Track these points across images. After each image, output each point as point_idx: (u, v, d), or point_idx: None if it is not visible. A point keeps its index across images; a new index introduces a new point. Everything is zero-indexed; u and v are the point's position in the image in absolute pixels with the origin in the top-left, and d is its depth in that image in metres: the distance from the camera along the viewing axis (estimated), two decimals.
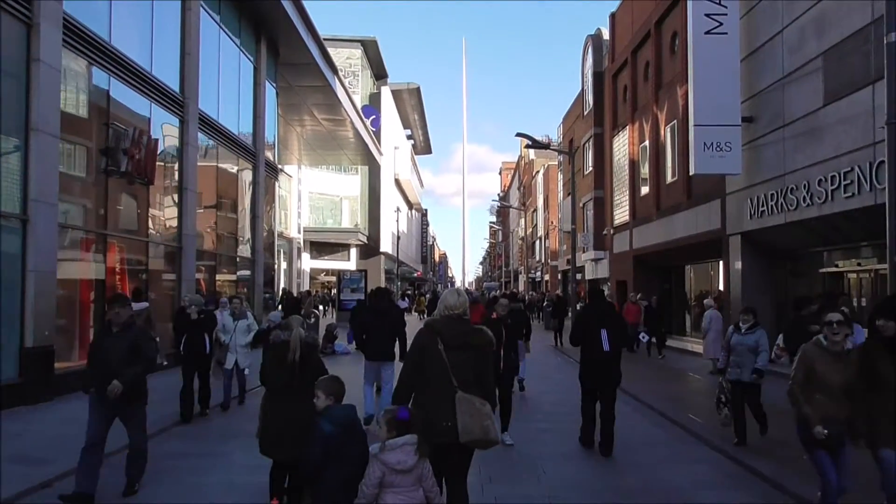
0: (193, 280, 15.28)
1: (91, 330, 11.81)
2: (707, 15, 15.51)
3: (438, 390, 4.38)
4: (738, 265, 16.52)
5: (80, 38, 10.83)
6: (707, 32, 15.52)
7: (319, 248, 47.48)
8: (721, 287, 22.08)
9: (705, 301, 16.62)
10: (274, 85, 22.24)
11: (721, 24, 15.49)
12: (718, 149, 15.39)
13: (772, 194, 14.55)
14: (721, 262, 18.29)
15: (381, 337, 9.34)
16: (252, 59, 19.83)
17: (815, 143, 13.08)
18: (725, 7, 15.48)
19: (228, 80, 18.14)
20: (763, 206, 14.95)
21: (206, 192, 17.06)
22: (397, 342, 9.44)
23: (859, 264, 13.90)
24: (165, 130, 14.40)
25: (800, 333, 8.10)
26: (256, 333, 10.29)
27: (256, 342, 10.10)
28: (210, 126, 16.45)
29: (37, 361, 9.75)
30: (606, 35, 29.78)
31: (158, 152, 13.65)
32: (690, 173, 16.16)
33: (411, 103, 61.08)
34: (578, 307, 20.78)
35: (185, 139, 14.88)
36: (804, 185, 13.30)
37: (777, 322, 15.52)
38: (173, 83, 14.45)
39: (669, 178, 21.50)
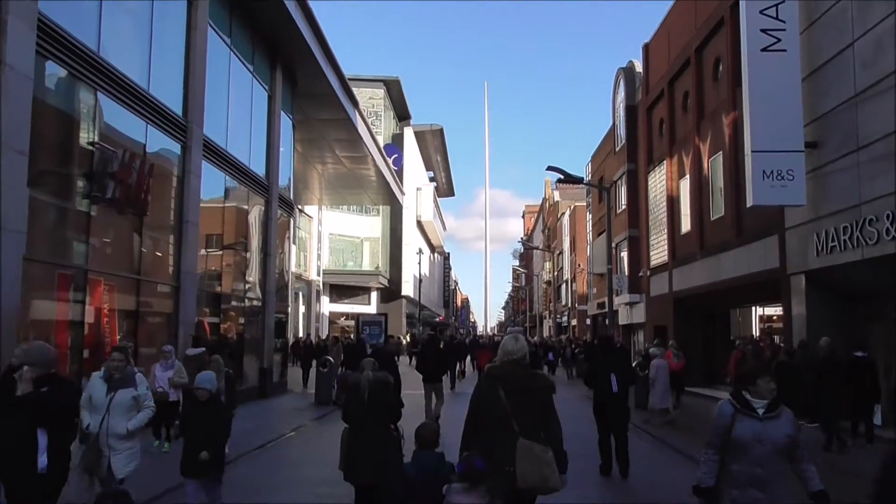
0: (192, 323, 13.75)
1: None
2: (763, 31, 14.01)
3: (500, 436, 4.44)
4: (802, 308, 14.65)
5: (59, 44, 9.47)
6: (763, 49, 14.00)
7: (339, 291, 46.16)
8: (756, 333, 20.28)
9: (651, 350, 16.14)
10: (290, 116, 21.06)
11: (779, 40, 13.96)
12: (779, 177, 13.71)
13: (844, 227, 12.77)
14: (758, 306, 16.46)
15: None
16: (266, 87, 18.65)
17: None
18: (784, 21, 13.96)
19: (239, 108, 16.91)
20: (833, 240, 13.15)
21: (211, 226, 15.67)
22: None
23: None
24: (164, 156, 13.07)
25: None
26: (187, 415, 6.66)
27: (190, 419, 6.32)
28: (217, 154, 15.12)
29: None
30: (639, 67, 28.47)
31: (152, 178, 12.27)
32: (748, 205, 14.43)
33: (434, 144, 60.28)
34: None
35: (186, 167, 13.51)
36: (886, 216, 11.52)
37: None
38: (175, 105, 13.16)
39: (715, 214, 19.79)
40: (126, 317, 12.03)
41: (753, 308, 20.28)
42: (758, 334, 20.10)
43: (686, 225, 22.35)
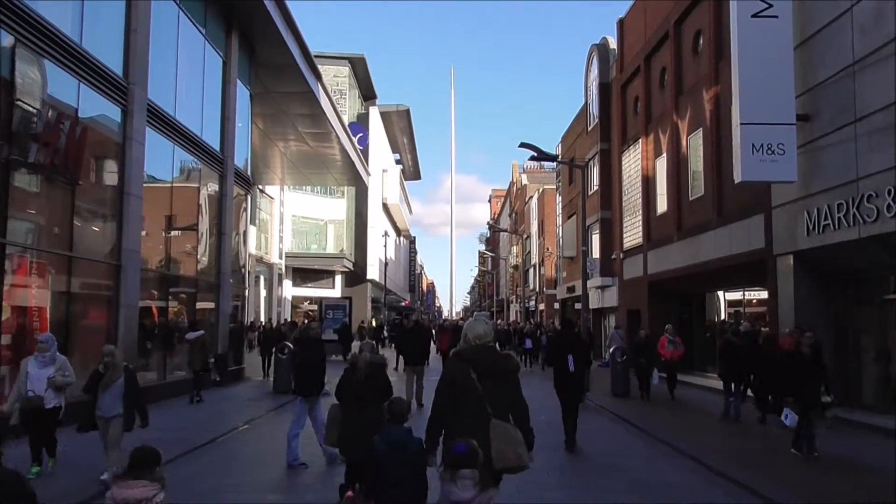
0: (136, 306, 12.49)
1: None
2: None
3: (472, 419, 4.38)
4: (790, 290, 13.94)
5: None
6: (754, 15, 13.14)
7: (302, 274, 44.77)
8: (724, 316, 19.64)
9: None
10: (248, 87, 19.69)
11: (771, 5, 13.10)
12: (770, 151, 12.90)
13: (839, 204, 12.02)
14: (737, 289, 15.74)
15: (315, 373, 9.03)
16: (221, 53, 17.27)
17: None
18: None
19: (190, 73, 15.56)
20: (827, 219, 12.41)
21: (159, 201, 14.39)
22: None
23: None
24: (102, 121, 11.74)
25: None
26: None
27: None
28: (163, 121, 13.78)
29: None
30: (613, 44, 27.59)
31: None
32: (736, 181, 13.59)
33: (400, 126, 58.93)
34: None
35: (128, 133, 12.16)
36: (888, 192, 10.77)
37: (843, 362, 13.00)
38: (114, 64, 11.80)
39: (694, 194, 19.03)
40: (57, 299, 10.74)
41: (722, 292, 19.70)
42: (724, 317, 19.60)
43: (662, 205, 21.60)
